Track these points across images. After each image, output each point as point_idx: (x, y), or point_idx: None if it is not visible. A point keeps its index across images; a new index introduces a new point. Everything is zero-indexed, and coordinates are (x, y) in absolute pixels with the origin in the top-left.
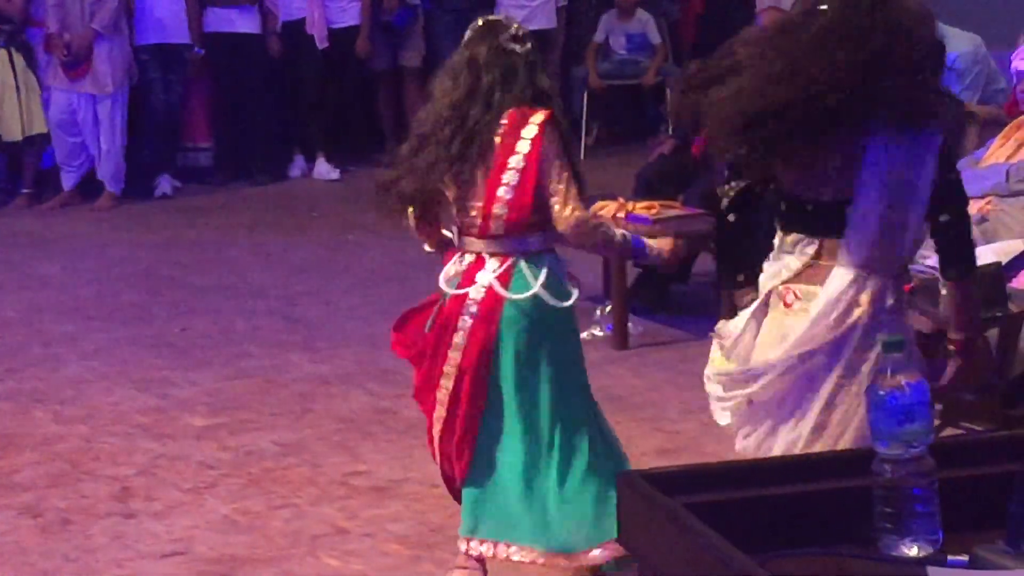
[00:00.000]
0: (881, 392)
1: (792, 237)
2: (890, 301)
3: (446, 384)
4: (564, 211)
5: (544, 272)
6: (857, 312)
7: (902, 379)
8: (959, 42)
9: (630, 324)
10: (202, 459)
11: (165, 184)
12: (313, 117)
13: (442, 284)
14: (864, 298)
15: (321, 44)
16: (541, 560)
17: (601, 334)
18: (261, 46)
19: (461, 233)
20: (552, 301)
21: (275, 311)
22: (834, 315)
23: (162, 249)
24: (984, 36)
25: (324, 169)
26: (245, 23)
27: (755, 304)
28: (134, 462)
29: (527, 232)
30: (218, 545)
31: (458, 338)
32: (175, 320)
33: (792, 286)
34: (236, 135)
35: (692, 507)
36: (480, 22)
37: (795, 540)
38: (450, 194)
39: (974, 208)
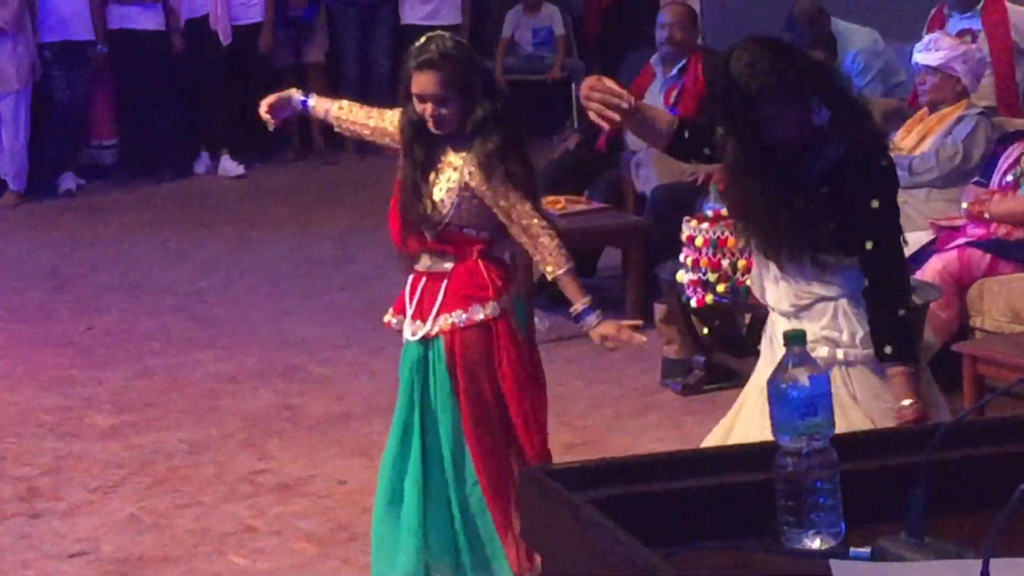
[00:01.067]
0: (783, 385)
1: None
2: None
3: None
4: None
5: None
6: None
7: (803, 372)
8: (857, 39)
9: (537, 319)
10: (108, 458)
11: (69, 181)
12: (217, 113)
13: None
14: None
15: (225, 40)
16: None
17: None
18: (165, 43)
19: None
20: None
21: (180, 309)
22: None
23: (66, 247)
24: (884, 30)
25: (229, 166)
26: (148, 20)
27: None
28: (39, 462)
29: None
30: (124, 545)
31: None
32: (80, 318)
33: None
34: (140, 132)
35: (596, 502)
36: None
37: (699, 534)
38: None
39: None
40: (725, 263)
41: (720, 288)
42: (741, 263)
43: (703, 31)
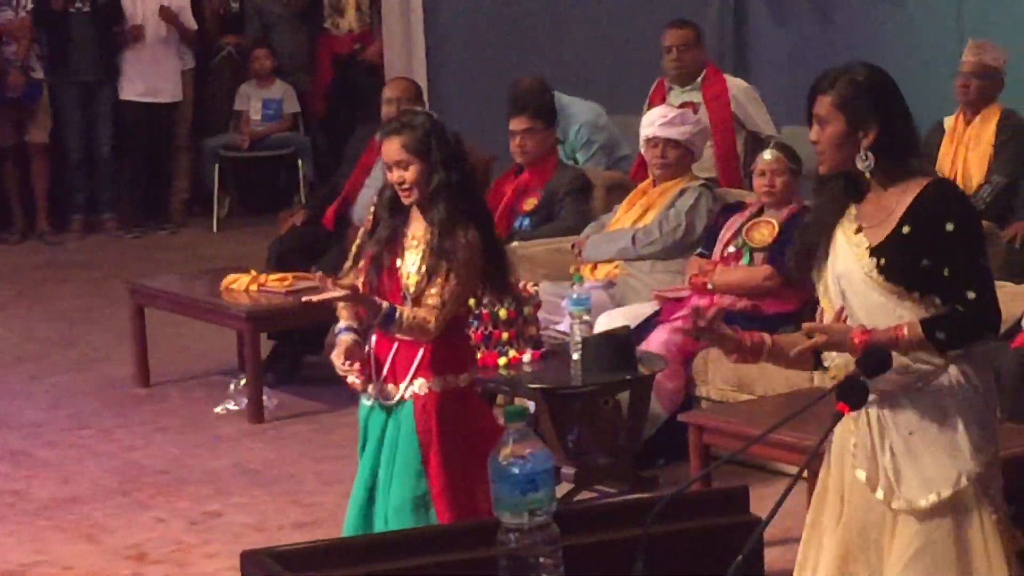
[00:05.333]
0: (504, 462)
1: None
2: None
3: None
4: None
5: None
6: None
7: (525, 448)
8: (581, 112)
9: (265, 397)
10: None
11: None
12: None
13: None
14: None
15: None
16: None
17: (237, 407)
18: None
19: None
20: None
21: None
22: None
23: None
24: (606, 103)
25: None
26: None
27: None
28: None
29: None
30: None
31: None
32: None
33: None
34: None
35: None
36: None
37: None
38: None
39: (602, 272)
40: None
41: None
42: None
43: (428, 105)
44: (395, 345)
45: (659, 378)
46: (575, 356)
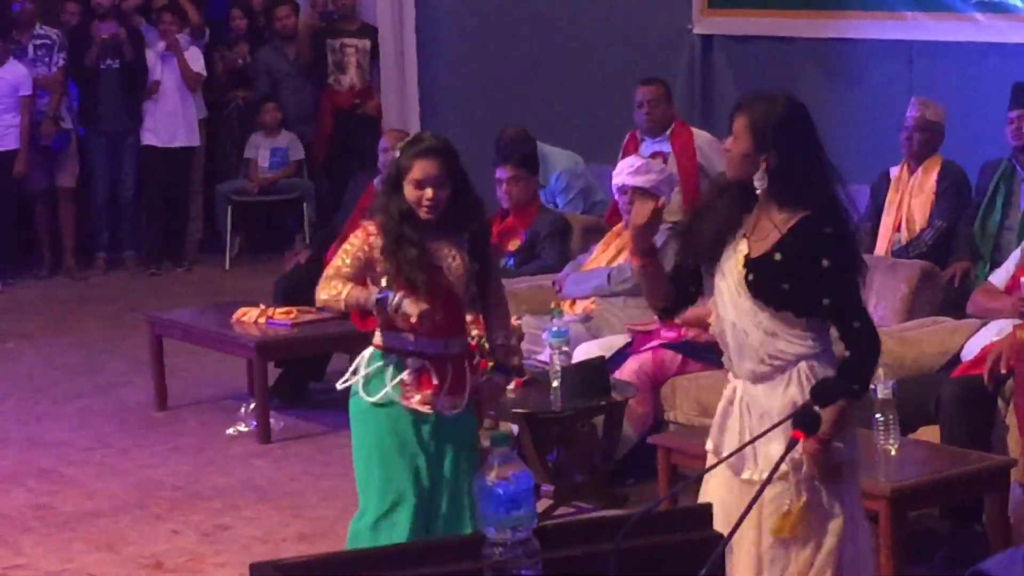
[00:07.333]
0: (489, 482)
1: None
2: None
3: None
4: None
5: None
6: None
7: (508, 470)
8: (560, 160)
9: (272, 420)
10: None
11: None
12: None
13: None
14: None
15: None
16: None
17: (246, 429)
18: None
19: None
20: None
21: None
22: None
23: None
24: (583, 152)
25: None
26: None
27: None
28: None
29: None
30: None
31: None
32: None
33: None
34: None
35: None
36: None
37: None
38: None
39: (580, 307)
40: None
41: None
42: None
43: None
44: (450, 363)
45: (631, 404)
46: (555, 383)
